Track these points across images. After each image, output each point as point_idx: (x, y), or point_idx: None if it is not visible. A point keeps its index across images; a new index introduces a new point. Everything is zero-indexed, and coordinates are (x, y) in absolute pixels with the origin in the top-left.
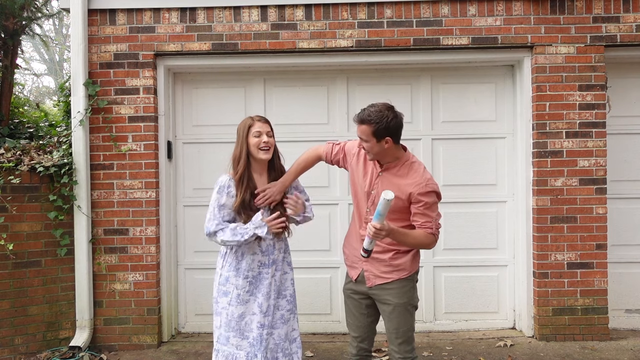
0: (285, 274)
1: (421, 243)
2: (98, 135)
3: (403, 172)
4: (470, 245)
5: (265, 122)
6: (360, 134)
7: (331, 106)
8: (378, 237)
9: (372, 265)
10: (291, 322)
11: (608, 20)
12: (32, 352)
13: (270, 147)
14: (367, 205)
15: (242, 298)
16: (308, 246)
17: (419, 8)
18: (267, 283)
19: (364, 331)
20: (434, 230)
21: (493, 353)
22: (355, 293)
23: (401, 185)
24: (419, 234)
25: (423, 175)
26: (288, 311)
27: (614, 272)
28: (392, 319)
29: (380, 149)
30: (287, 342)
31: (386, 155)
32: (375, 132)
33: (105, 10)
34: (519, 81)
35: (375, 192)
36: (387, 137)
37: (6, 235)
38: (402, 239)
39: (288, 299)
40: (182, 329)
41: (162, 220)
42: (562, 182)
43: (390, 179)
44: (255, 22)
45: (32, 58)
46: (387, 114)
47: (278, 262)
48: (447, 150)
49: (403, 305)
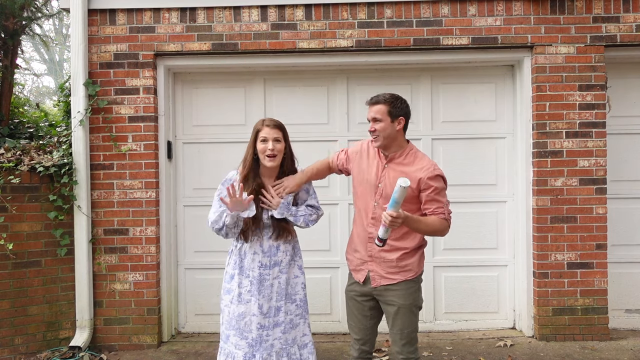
0: (296, 277)
1: (436, 229)
2: (98, 135)
3: (409, 160)
4: (470, 245)
5: (274, 128)
6: (374, 114)
7: (331, 106)
8: (394, 225)
9: (379, 266)
10: (301, 327)
11: (608, 20)
12: (32, 352)
13: (276, 154)
14: (374, 199)
15: (244, 297)
16: (308, 246)
17: (419, 8)
18: (269, 284)
19: (366, 334)
20: (446, 215)
21: (493, 353)
22: (359, 295)
23: (409, 172)
24: (433, 220)
25: (429, 161)
26: (297, 316)
27: (614, 272)
28: (396, 320)
29: (392, 131)
30: (296, 347)
31: (394, 140)
32: (391, 110)
33: (105, 10)
34: (519, 81)
35: (383, 184)
36: (401, 117)
37: (6, 235)
38: (417, 225)
39: (298, 303)
40: (182, 329)
41: (162, 220)
42: (562, 182)
43: (396, 168)
44: (255, 22)
45: (32, 58)
46: (400, 97)
47: (283, 264)
48: (447, 150)
49: (408, 306)
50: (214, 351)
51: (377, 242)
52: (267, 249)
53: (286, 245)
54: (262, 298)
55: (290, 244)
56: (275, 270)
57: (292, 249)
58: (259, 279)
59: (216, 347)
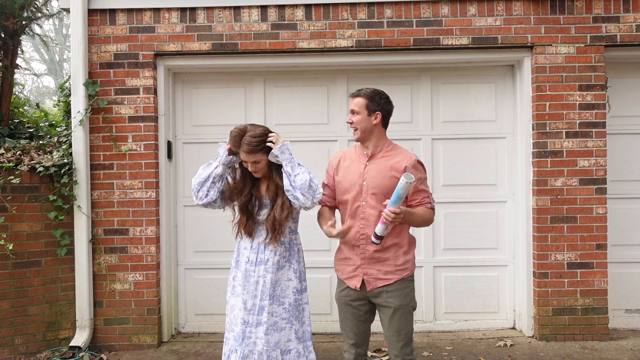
0: (288, 280)
1: (426, 219)
2: (98, 135)
3: (390, 153)
4: (470, 245)
5: (249, 153)
6: (353, 106)
7: (331, 106)
8: (396, 221)
9: (374, 268)
10: (286, 332)
11: (608, 20)
12: (32, 352)
13: (258, 170)
14: (362, 198)
15: (236, 290)
16: (308, 246)
17: (419, 8)
18: (254, 281)
19: (361, 337)
20: (432, 204)
21: (493, 353)
22: (354, 299)
23: (393, 164)
24: (423, 211)
25: (409, 152)
26: (284, 319)
27: (614, 272)
28: (393, 322)
29: (368, 124)
30: (279, 351)
31: (371, 133)
32: (368, 104)
33: (105, 10)
34: (519, 81)
35: (367, 181)
36: (377, 112)
37: (6, 235)
38: (412, 218)
39: (286, 307)
40: (182, 329)
41: (162, 220)
42: (562, 182)
43: (379, 163)
44: (255, 22)
45: (32, 58)
46: (381, 93)
47: (269, 263)
48: (447, 150)
49: (404, 307)
50: (214, 351)
51: (375, 239)
52: (256, 245)
53: (276, 244)
54: (247, 294)
55: (283, 245)
56: (261, 269)
57: (285, 251)
58: (245, 274)
59: (216, 347)
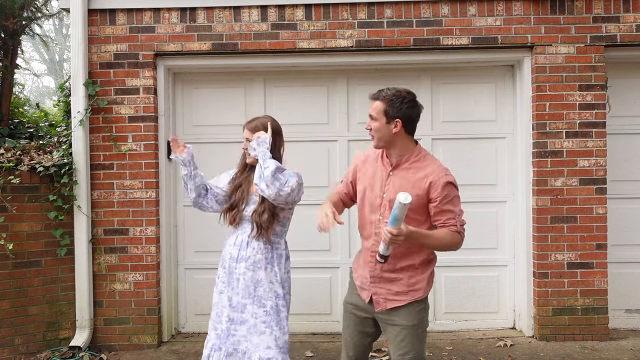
0: (270, 283)
1: (447, 244)
2: (98, 135)
3: (417, 165)
4: (470, 245)
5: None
6: (371, 111)
7: (331, 106)
8: (395, 243)
9: (384, 288)
10: (266, 337)
11: (608, 20)
12: (32, 352)
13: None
14: (379, 212)
15: (219, 287)
16: (308, 246)
17: (419, 8)
18: (236, 278)
19: (360, 352)
20: (458, 227)
21: (493, 353)
22: (361, 310)
23: (417, 179)
24: (444, 234)
25: (439, 166)
26: (264, 323)
27: (614, 272)
28: (398, 343)
29: (387, 133)
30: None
31: (393, 143)
32: (387, 110)
33: (105, 10)
34: (519, 81)
35: (387, 195)
36: (397, 120)
37: (6, 235)
38: (424, 241)
39: (267, 310)
40: (182, 329)
41: (162, 220)
42: (562, 182)
43: (403, 176)
44: (255, 22)
45: (32, 58)
46: (404, 95)
47: (249, 261)
48: (447, 150)
49: (412, 327)
50: None
51: (379, 258)
52: (239, 242)
53: (259, 243)
54: (232, 290)
55: (267, 245)
56: (242, 266)
57: (267, 252)
58: (229, 270)
59: None
